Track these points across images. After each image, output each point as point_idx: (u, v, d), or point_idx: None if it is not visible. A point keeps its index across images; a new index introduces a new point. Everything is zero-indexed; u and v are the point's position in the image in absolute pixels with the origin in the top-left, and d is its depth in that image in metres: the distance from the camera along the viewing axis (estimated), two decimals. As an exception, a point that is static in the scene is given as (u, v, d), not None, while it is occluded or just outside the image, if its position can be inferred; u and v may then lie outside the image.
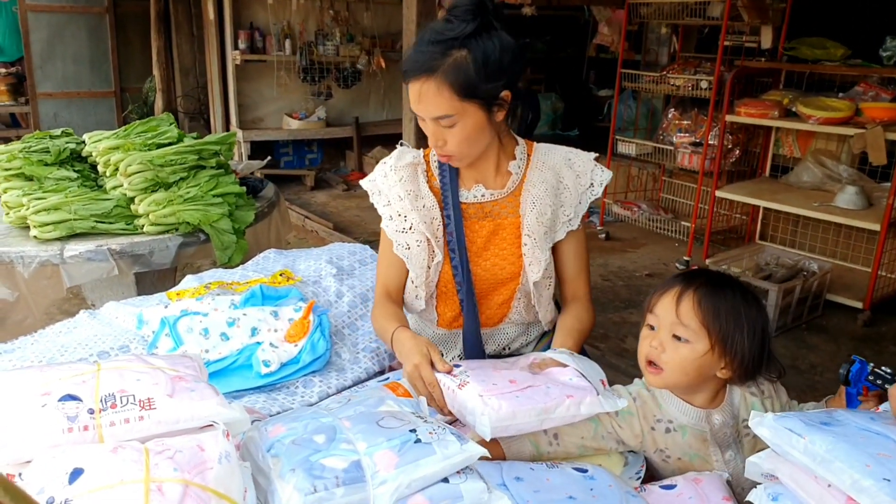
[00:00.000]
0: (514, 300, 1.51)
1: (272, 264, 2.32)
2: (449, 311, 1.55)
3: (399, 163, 1.49)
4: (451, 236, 1.46)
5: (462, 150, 1.36)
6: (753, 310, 1.19)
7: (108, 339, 1.77)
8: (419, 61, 1.28)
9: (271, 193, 3.13)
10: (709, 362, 1.18)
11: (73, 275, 2.32)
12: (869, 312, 3.73)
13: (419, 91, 1.30)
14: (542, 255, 1.45)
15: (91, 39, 7.38)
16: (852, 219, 3.79)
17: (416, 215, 1.45)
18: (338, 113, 6.96)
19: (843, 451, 0.78)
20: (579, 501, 1.02)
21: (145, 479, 0.77)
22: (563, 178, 1.48)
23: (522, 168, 1.48)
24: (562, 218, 1.48)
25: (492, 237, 1.48)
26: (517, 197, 1.47)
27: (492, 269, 1.49)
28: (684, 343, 1.18)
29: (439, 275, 1.49)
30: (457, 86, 1.28)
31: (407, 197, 1.46)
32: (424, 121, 1.34)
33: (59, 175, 2.60)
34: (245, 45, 6.30)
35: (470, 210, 1.47)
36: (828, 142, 4.43)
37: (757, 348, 1.18)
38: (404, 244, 1.47)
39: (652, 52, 6.56)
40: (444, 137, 1.33)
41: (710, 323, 1.17)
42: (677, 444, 1.23)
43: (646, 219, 5.30)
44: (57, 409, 0.88)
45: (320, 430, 0.97)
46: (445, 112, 1.30)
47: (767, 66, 4.54)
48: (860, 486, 0.74)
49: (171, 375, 1.01)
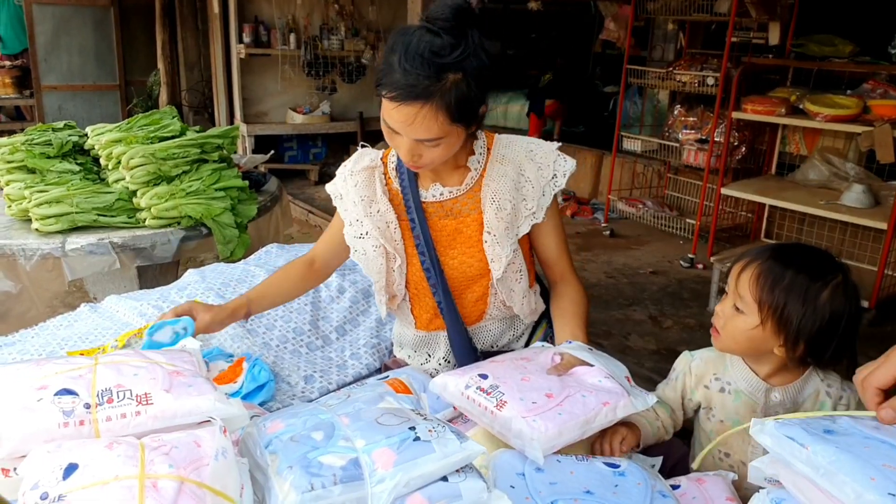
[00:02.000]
0: (490, 296, 1.49)
1: (274, 259, 2.32)
2: (425, 313, 1.53)
3: (356, 167, 1.47)
4: (418, 239, 1.44)
5: (436, 163, 1.33)
6: (825, 291, 1.15)
7: (109, 333, 1.77)
8: (414, 86, 1.19)
9: (274, 188, 3.12)
10: (761, 336, 1.19)
11: (75, 268, 2.32)
12: (875, 311, 3.70)
13: (413, 116, 1.22)
14: (502, 252, 1.41)
15: (96, 32, 7.38)
16: (859, 217, 3.76)
17: (369, 221, 1.43)
18: (342, 107, 6.95)
19: (847, 463, 0.76)
20: (597, 497, 1.01)
21: (140, 476, 0.76)
22: (525, 170, 1.43)
23: (482, 162, 1.44)
24: (524, 212, 1.43)
25: (456, 235, 1.45)
26: (477, 193, 1.43)
27: (460, 266, 1.46)
28: (740, 314, 1.20)
29: (406, 277, 1.48)
30: (451, 110, 1.22)
31: (361, 203, 1.44)
32: (399, 135, 1.27)
33: (62, 168, 2.60)
34: (249, 38, 6.29)
35: (430, 209, 1.45)
36: (835, 139, 4.40)
37: (820, 332, 1.16)
38: (361, 250, 1.46)
39: (658, 49, 6.53)
40: (422, 153, 1.29)
41: (763, 297, 1.17)
42: (726, 405, 1.27)
43: (650, 216, 5.27)
44: (53, 404, 0.87)
45: (319, 426, 0.96)
46: (436, 136, 1.25)
47: (775, 62, 4.50)
48: (864, 500, 0.72)
49: (168, 370, 1.00)
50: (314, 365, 1.77)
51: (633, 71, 5.16)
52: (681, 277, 4.41)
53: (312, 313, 1.98)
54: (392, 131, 1.28)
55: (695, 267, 4.55)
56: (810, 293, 1.16)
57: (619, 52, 6.32)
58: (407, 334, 1.61)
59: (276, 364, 1.74)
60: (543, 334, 1.62)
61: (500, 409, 1.12)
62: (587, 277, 4.18)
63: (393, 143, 1.31)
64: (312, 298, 2.03)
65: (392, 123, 1.26)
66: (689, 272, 4.49)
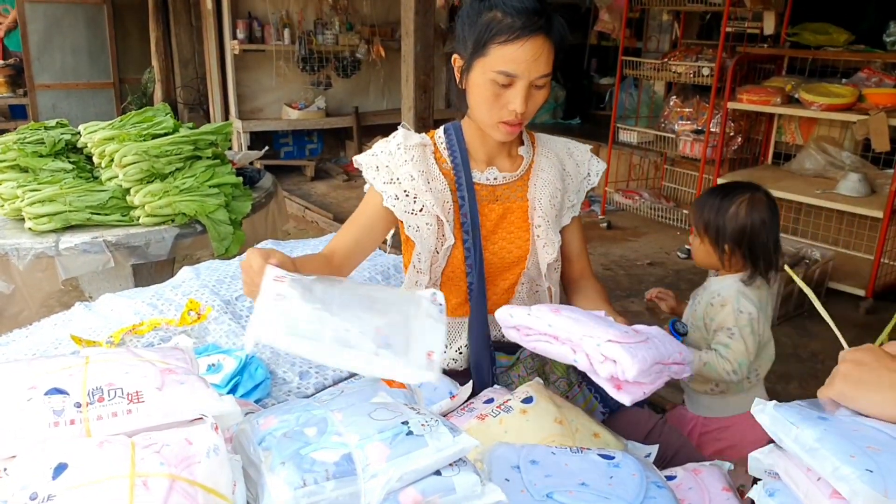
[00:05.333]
0: (518, 285, 1.51)
1: (269, 255, 2.31)
2: (454, 298, 1.51)
3: (408, 142, 1.45)
4: (465, 218, 1.44)
5: (533, 114, 1.38)
6: (733, 207, 1.66)
7: (104, 332, 1.76)
8: (538, 16, 1.27)
9: (269, 184, 3.11)
10: (706, 250, 1.73)
11: (69, 267, 2.31)
12: (871, 300, 3.71)
13: (539, 50, 1.28)
14: (555, 238, 1.48)
15: (89, 30, 7.34)
16: (855, 206, 3.76)
17: (430, 196, 1.41)
18: (337, 103, 6.93)
19: (831, 442, 0.76)
20: (591, 489, 1.00)
21: (130, 474, 0.76)
22: (566, 165, 1.54)
23: (531, 154, 1.51)
24: (567, 203, 1.53)
25: (501, 221, 1.48)
26: (526, 181, 1.49)
27: (500, 252, 1.48)
28: (695, 238, 1.77)
29: (448, 259, 1.47)
30: (558, 45, 1.31)
31: (420, 177, 1.41)
32: (510, 86, 1.31)
33: (54, 166, 2.59)
34: (243, 34, 6.26)
35: (482, 192, 1.47)
36: (830, 128, 4.40)
37: (735, 239, 1.67)
38: (414, 226, 1.43)
39: (653, 39, 6.51)
40: (528, 100, 1.33)
41: (697, 219, 1.73)
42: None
43: (647, 207, 5.27)
44: (43, 403, 0.86)
45: (312, 422, 0.96)
46: (549, 70, 1.32)
47: (770, 52, 4.49)
48: (840, 473, 0.72)
49: (160, 368, 0.99)
50: (309, 360, 1.77)
51: (629, 62, 5.15)
52: (678, 268, 4.41)
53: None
54: (500, 87, 1.31)
55: (692, 258, 4.55)
56: (723, 209, 1.65)
57: (615, 44, 6.30)
58: None
59: (272, 360, 1.73)
60: None
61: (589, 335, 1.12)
62: (584, 270, 4.18)
63: (500, 100, 1.33)
64: (308, 294, 2.02)
65: (513, 67, 1.29)
66: (687, 263, 4.49)
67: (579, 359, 1.13)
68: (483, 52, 1.30)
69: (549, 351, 1.17)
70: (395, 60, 6.45)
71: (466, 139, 1.48)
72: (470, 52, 1.33)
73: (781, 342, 3.45)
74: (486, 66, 1.31)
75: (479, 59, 1.32)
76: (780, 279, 3.51)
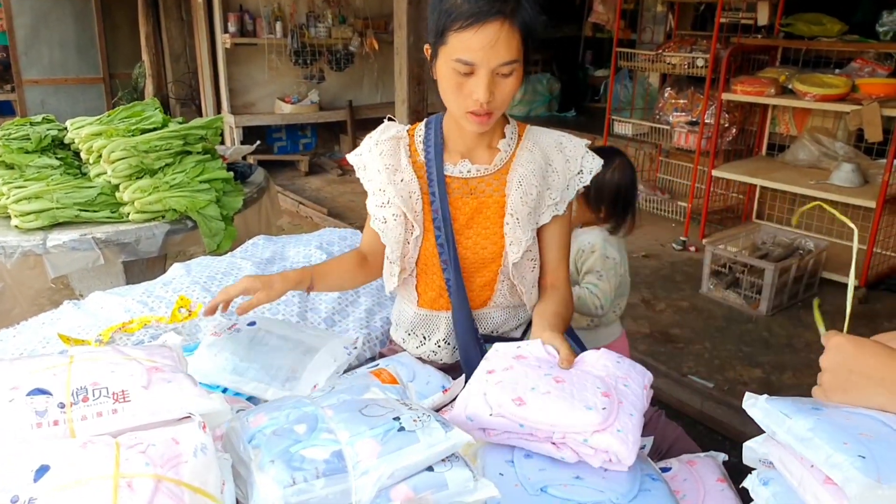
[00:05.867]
0: (498, 282, 1.48)
1: (261, 251, 2.29)
2: (430, 291, 1.51)
3: (382, 136, 1.46)
4: (436, 213, 1.42)
5: (505, 104, 1.32)
6: (617, 174, 1.96)
7: (94, 330, 1.74)
8: (500, 1, 1.21)
9: (261, 178, 3.09)
10: (584, 209, 2.00)
11: (58, 264, 2.28)
12: (865, 290, 3.71)
13: (496, 35, 1.21)
14: (523, 236, 1.41)
15: (77, 24, 7.27)
16: (848, 196, 3.76)
17: (392, 189, 1.42)
18: (331, 96, 6.89)
19: (824, 430, 0.76)
20: (586, 482, 1.00)
21: (114, 475, 0.74)
22: (553, 160, 1.45)
23: (512, 147, 1.45)
24: (547, 201, 1.43)
25: (475, 215, 1.44)
26: (503, 175, 1.43)
27: (474, 247, 1.45)
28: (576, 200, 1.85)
29: (419, 251, 1.46)
30: (524, 29, 1.24)
31: (385, 171, 1.43)
32: (472, 75, 1.25)
33: (41, 163, 2.56)
34: (235, 28, 6.21)
35: (454, 185, 1.44)
36: (824, 119, 4.39)
37: (598, 197, 1.98)
38: (381, 218, 1.44)
39: (648, 31, 6.48)
40: (494, 90, 1.27)
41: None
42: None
43: (642, 199, 5.26)
44: (25, 404, 0.84)
45: (301, 419, 0.94)
46: (514, 57, 1.25)
47: (764, 43, 4.48)
48: (833, 461, 0.72)
49: (147, 366, 0.97)
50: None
51: (623, 54, 5.13)
52: (673, 260, 4.41)
53: (300, 304, 1.95)
54: (462, 75, 1.26)
55: (687, 249, 4.54)
56: (601, 173, 1.62)
57: (609, 36, 6.28)
58: (407, 312, 1.58)
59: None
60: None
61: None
62: (579, 262, 4.17)
63: (463, 89, 1.28)
64: (300, 289, 2.00)
65: (470, 55, 1.23)
66: (682, 255, 4.49)
67: (566, 455, 1.03)
68: (443, 40, 1.26)
69: (530, 447, 1.05)
70: (388, 53, 6.41)
71: (445, 131, 1.45)
72: (433, 41, 1.30)
73: (776, 332, 3.45)
74: (446, 54, 1.26)
75: (441, 46, 1.27)
76: (776, 269, 3.51)
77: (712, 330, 3.48)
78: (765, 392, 0.90)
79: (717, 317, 3.63)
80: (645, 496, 0.99)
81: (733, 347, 3.30)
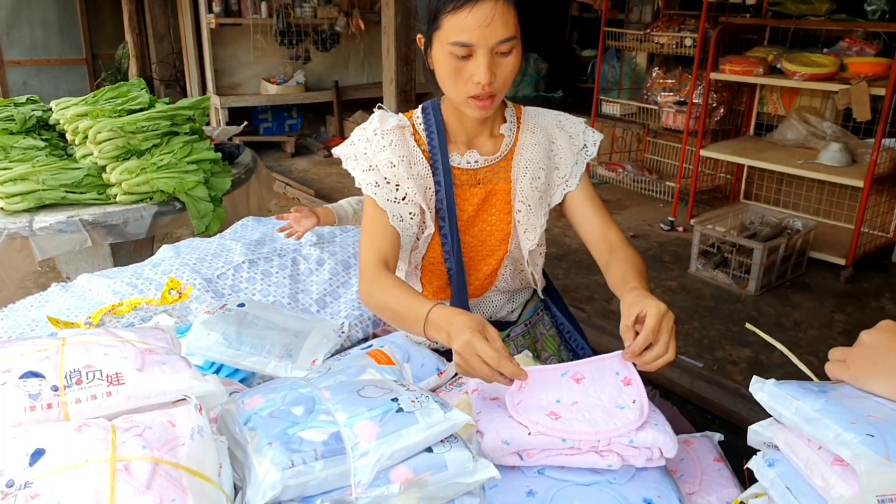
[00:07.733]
0: (502, 268, 1.46)
1: (250, 232, 2.27)
2: (435, 281, 1.49)
3: (384, 126, 1.37)
4: (440, 204, 1.38)
5: (507, 86, 1.27)
6: None
7: (82, 312, 1.72)
8: None
9: (248, 159, 3.05)
10: None
11: (44, 247, 2.25)
12: (852, 269, 3.75)
13: (491, 13, 1.16)
14: (537, 222, 1.39)
15: (59, 4, 7.13)
16: (836, 176, 3.78)
17: (412, 184, 1.34)
18: (317, 77, 6.82)
19: (831, 412, 0.77)
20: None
21: (111, 458, 0.73)
22: (556, 139, 1.42)
23: (514, 131, 1.41)
24: (556, 181, 1.42)
25: (483, 204, 1.41)
26: (509, 161, 1.40)
27: (480, 235, 1.43)
28: None
29: (427, 247, 1.42)
30: (519, 4, 1.20)
31: (401, 163, 1.34)
32: (471, 57, 1.20)
33: (26, 144, 2.51)
34: (219, 8, 6.11)
35: (462, 177, 1.39)
36: (812, 98, 4.41)
37: None
38: (398, 216, 1.35)
39: (635, 10, 6.45)
40: (496, 70, 1.22)
41: None
42: None
43: (630, 180, 5.27)
44: (18, 388, 0.83)
45: (299, 401, 0.94)
46: (512, 34, 1.20)
47: (752, 22, 4.47)
48: (842, 439, 0.73)
49: (140, 348, 0.96)
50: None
51: (611, 34, 5.10)
52: (661, 240, 4.43)
53: (291, 286, 1.94)
54: (460, 59, 1.21)
55: (675, 230, 4.56)
56: None
57: (597, 16, 6.24)
58: None
59: (256, 339, 1.70)
60: (534, 307, 1.60)
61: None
62: (568, 243, 4.18)
63: (462, 74, 1.23)
64: (291, 272, 1.99)
65: (466, 35, 1.18)
66: (670, 235, 4.51)
67: (612, 462, 1.00)
68: (437, 25, 1.21)
69: (572, 462, 1.01)
70: (374, 33, 6.34)
71: (445, 119, 1.39)
72: (426, 27, 1.24)
73: (765, 312, 3.48)
74: (441, 39, 1.21)
75: (435, 32, 1.22)
76: (764, 249, 3.53)
77: (701, 310, 3.51)
78: (753, 371, 0.90)
79: (706, 296, 3.65)
80: (642, 476, 1.00)
81: (722, 327, 3.33)
